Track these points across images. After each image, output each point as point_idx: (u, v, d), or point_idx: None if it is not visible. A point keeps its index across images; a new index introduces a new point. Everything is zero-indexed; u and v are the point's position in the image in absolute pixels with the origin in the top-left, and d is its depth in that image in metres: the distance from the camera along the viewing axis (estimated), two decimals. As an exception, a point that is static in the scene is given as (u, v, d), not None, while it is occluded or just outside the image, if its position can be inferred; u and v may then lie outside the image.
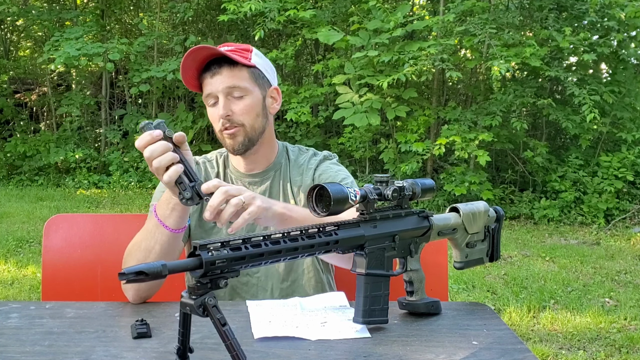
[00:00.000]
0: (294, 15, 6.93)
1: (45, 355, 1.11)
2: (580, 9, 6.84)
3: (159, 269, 0.92)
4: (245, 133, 1.58)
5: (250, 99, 1.59)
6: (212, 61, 1.57)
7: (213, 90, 1.57)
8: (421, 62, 6.29)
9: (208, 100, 1.60)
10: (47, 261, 1.76)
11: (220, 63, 1.57)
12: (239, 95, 1.57)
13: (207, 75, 1.58)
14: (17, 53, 10.35)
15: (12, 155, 8.62)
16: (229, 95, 1.57)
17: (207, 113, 1.64)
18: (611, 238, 6.03)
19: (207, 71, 1.57)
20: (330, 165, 1.67)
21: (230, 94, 1.57)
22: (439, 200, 6.91)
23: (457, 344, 1.18)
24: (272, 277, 1.63)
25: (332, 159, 1.72)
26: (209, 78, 1.57)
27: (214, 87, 1.57)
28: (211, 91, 1.57)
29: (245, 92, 1.58)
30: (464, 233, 1.40)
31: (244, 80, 1.58)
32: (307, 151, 1.74)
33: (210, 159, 1.74)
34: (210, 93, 1.58)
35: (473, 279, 4.56)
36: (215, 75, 1.56)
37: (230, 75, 1.56)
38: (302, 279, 1.63)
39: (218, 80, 1.56)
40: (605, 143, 7.31)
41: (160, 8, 8.99)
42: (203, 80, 1.59)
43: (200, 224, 1.64)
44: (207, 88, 1.58)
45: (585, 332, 3.63)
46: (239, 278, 1.62)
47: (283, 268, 1.63)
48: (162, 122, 1.29)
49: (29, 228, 5.95)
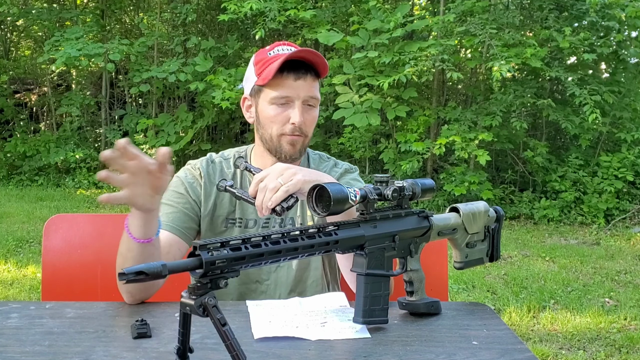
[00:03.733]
0: (294, 15, 6.93)
1: (45, 355, 1.11)
2: (580, 9, 6.85)
3: (159, 269, 0.92)
4: (304, 143, 1.56)
5: (317, 111, 1.58)
6: (299, 64, 1.52)
7: (293, 93, 1.51)
8: (422, 62, 6.29)
9: (279, 100, 1.52)
10: (47, 261, 1.76)
11: (308, 69, 1.52)
12: (312, 106, 1.55)
13: (289, 76, 1.51)
14: (17, 53, 10.35)
15: (12, 155, 8.62)
16: (305, 103, 1.53)
17: (267, 111, 1.54)
18: (611, 238, 6.03)
19: (292, 72, 1.51)
20: (351, 182, 1.62)
21: (307, 102, 1.53)
22: (439, 200, 6.91)
23: (457, 344, 1.18)
24: (281, 286, 1.60)
25: (353, 172, 1.68)
26: (292, 80, 1.51)
27: (296, 91, 1.51)
28: (290, 94, 1.51)
29: (316, 105, 1.56)
30: (464, 233, 1.40)
31: (318, 92, 1.56)
32: (328, 160, 1.70)
33: (227, 157, 1.68)
34: (288, 95, 1.52)
35: (473, 279, 4.56)
36: (300, 79, 1.51)
37: (312, 85, 1.53)
38: (310, 291, 1.60)
39: (301, 85, 1.51)
40: (605, 143, 7.31)
41: (160, 8, 8.99)
42: (282, 78, 1.51)
43: (211, 228, 1.60)
44: (285, 89, 1.51)
45: (585, 332, 3.63)
46: (248, 284, 1.61)
47: (292, 278, 1.60)
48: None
49: (29, 228, 5.95)
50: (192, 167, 1.64)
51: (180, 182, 1.61)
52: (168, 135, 8.25)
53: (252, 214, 1.61)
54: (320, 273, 1.62)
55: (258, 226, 1.60)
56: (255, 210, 1.60)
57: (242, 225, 1.61)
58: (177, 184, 1.61)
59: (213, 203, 1.61)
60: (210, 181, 1.62)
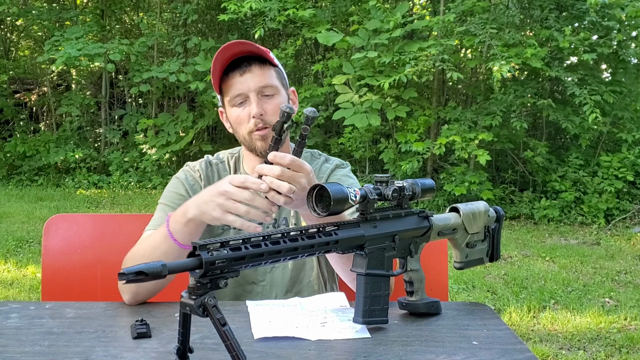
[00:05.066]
0: (293, 15, 6.93)
1: (45, 355, 1.11)
2: (580, 8, 6.84)
3: (159, 269, 0.92)
4: None
5: (279, 98, 1.53)
6: (240, 60, 1.50)
7: (244, 88, 1.49)
8: (422, 62, 6.29)
9: (235, 100, 1.52)
10: (47, 261, 1.76)
11: (249, 61, 1.50)
12: (270, 95, 1.52)
13: (235, 74, 1.50)
14: (17, 53, 10.35)
15: (12, 155, 8.62)
16: (260, 94, 1.50)
17: (230, 115, 1.55)
18: (611, 238, 6.03)
19: (235, 69, 1.50)
20: (342, 178, 1.62)
21: (262, 92, 1.50)
22: (439, 200, 6.91)
23: (457, 344, 1.18)
24: (277, 286, 1.59)
25: (344, 167, 1.67)
26: (238, 76, 1.50)
27: (245, 85, 1.49)
28: (242, 90, 1.50)
29: (276, 92, 1.53)
30: (464, 233, 1.40)
31: (274, 79, 1.53)
32: (319, 157, 1.69)
33: (222, 159, 1.67)
34: (240, 93, 1.50)
35: (473, 279, 4.56)
36: (246, 73, 1.49)
37: (261, 74, 1.50)
38: (307, 291, 1.60)
39: (249, 78, 1.49)
40: (605, 143, 7.31)
41: (160, 8, 8.99)
42: (228, 80, 1.51)
43: (209, 229, 1.59)
44: (235, 87, 1.50)
45: (585, 332, 3.63)
46: (243, 286, 1.60)
47: (288, 279, 1.60)
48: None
49: (29, 228, 5.95)
50: (192, 169, 1.63)
51: (181, 183, 1.60)
52: (168, 135, 8.25)
53: None
54: (315, 273, 1.61)
55: None
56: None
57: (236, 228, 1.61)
58: (177, 185, 1.60)
59: None
60: (209, 183, 1.60)
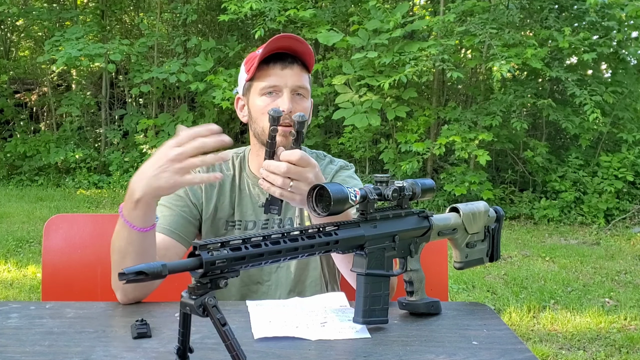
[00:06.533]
0: (294, 15, 6.93)
1: (45, 355, 1.11)
2: (580, 8, 6.85)
3: (159, 269, 0.92)
4: None
5: (307, 102, 1.56)
6: (284, 54, 1.53)
7: (281, 82, 1.51)
8: (422, 62, 6.29)
9: (266, 89, 1.53)
10: (47, 261, 1.76)
11: (294, 58, 1.53)
12: (301, 97, 1.54)
13: (276, 66, 1.52)
14: (17, 53, 10.35)
15: (12, 155, 8.62)
16: (294, 93, 1.53)
17: (256, 103, 1.55)
18: (611, 238, 6.03)
19: (278, 61, 1.52)
20: (346, 179, 1.63)
21: (296, 92, 1.53)
22: (439, 200, 6.91)
23: (457, 344, 1.18)
24: (281, 286, 1.60)
25: (349, 169, 1.68)
26: (279, 69, 1.52)
27: (284, 79, 1.51)
28: (278, 83, 1.52)
29: (306, 95, 1.55)
30: (464, 233, 1.40)
31: (308, 83, 1.56)
32: (324, 158, 1.70)
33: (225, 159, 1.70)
34: (276, 84, 1.52)
35: (473, 279, 4.56)
36: (287, 68, 1.52)
37: (300, 74, 1.53)
38: (309, 290, 1.61)
39: (289, 74, 1.52)
40: (605, 143, 7.31)
41: (160, 8, 8.99)
42: (267, 69, 1.53)
43: (213, 230, 1.60)
44: (273, 78, 1.52)
45: (585, 332, 3.63)
46: (249, 286, 1.61)
47: (292, 279, 1.61)
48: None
49: (29, 228, 5.95)
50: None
51: None
52: (168, 135, 8.24)
53: (250, 215, 1.61)
54: (318, 273, 1.62)
55: (257, 227, 1.61)
56: (254, 212, 1.61)
57: (241, 227, 1.61)
58: None
59: (214, 206, 1.61)
60: (210, 184, 1.61)
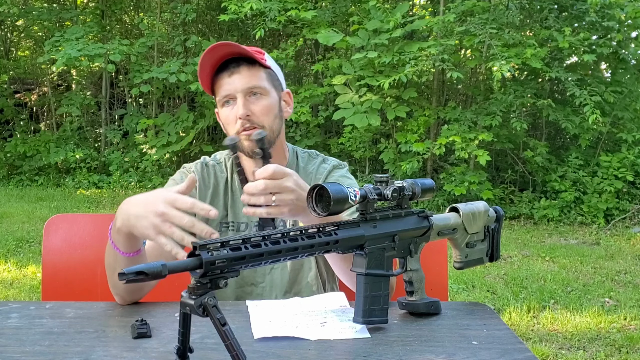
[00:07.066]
0: (295, 16, 6.93)
1: (45, 355, 1.11)
2: (580, 8, 6.84)
3: (159, 269, 0.92)
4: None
5: (268, 99, 1.54)
6: (229, 60, 1.52)
7: (231, 90, 1.51)
8: (422, 62, 6.29)
9: (222, 100, 1.53)
10: (47, 261, 1.76)
11: (238, 62, 1.51)
12: (258, 96, 1.52)
13: (224, 75, 1.52)
14: (17, 53, 10.35)
15: (12, 155, 8.63)
16: (247, 95, 1.51)
17: (221, 115, 1.56)
18: (611, 238, 6.03)
19: (224, 70, 1.51)
20: (340, 179, 1.62)
21: (250, 94, 1.51)
22: (439, 200, 6.91)
23: (457, 344, 1.18)
24: (276, 288, 1.60)
25: (342, 168, 1.67)
26: (227, 77, 1.51)
27: (233, 86, 1.50)
28: (229, 91, 1.51)
29: (264, 93, 1.53)
30: (463, 233, 1.40)
31: (263, 81, 1.53)
32: (316, 157, 1.69)
33: (219, 160, 1.67)
34: (228, 94, 1.51)
35: (473, 279, 4.56)
36: (234, 74, 1.51)
37: (249, 75, 1.51)
38: (306, 291, 1.60)
39: (237, 79, 1.50)
40: (605, 143, 7.31)
41: (160, 8, 8.99)
42: (218, 81, 1.53)
43: None
44: (224, 88, 1.52)
45: (585, 332, 3.63)
46: (243, 287, 1.60)
47: (287, 280, 1.60)
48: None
49: (29, 228, 5.95)
50: (187, 171, 1.63)
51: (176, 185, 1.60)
52: (168, 135, 8.25)
53: (243, 217, 1.60)
54: (314, 273, 1.61)
55: (249, 229, 1.60)
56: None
57: (234, 229, 1.61)
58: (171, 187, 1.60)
59: None
60: (205, 185, 1.61)
